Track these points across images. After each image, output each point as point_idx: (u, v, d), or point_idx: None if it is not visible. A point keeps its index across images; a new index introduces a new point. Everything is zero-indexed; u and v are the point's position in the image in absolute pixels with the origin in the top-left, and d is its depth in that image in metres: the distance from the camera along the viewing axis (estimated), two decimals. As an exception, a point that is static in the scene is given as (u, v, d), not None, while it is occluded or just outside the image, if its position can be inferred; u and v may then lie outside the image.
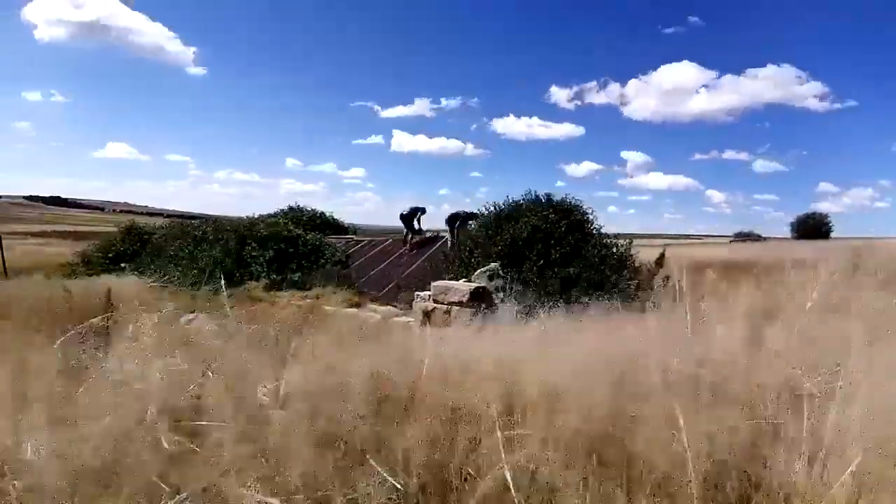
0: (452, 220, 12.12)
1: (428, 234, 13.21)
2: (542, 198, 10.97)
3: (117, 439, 1.47)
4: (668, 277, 2.83)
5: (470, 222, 12.02)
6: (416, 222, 13.05)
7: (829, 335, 1.93)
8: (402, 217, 12.99)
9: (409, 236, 12.87)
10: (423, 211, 13.15)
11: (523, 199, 11.11)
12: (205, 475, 1.34)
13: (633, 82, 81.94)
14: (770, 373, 1.71)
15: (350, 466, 1.38)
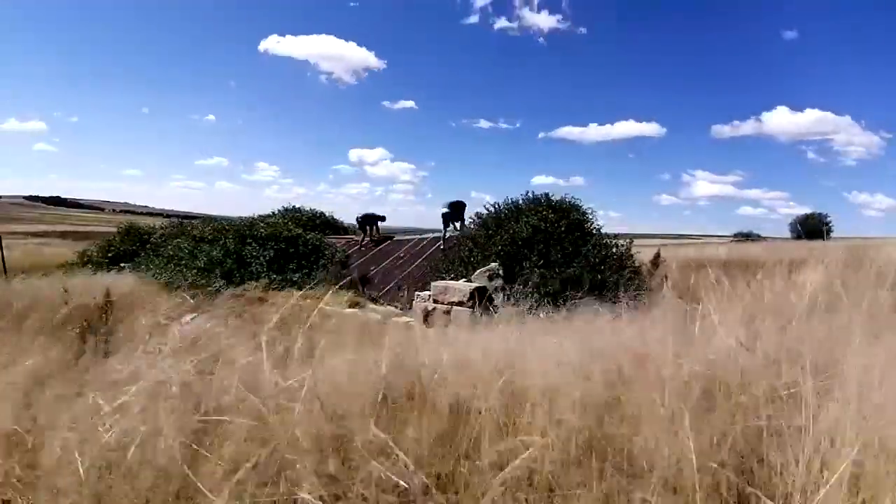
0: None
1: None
2: (540, 198, 10.98)
3: (120, 440, 1.49)
4: (665, 277, 2.85)
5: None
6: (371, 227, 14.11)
7: (824, 333, 1.95)
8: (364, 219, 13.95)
9: (363, 237, 13.85)
10: (381, 219, 14.30)
11: (522, 200, 11.13)
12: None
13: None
14: (765, 371, 1.72)
15: (356, 465, 1.39)
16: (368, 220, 14.03)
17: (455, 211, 12.35)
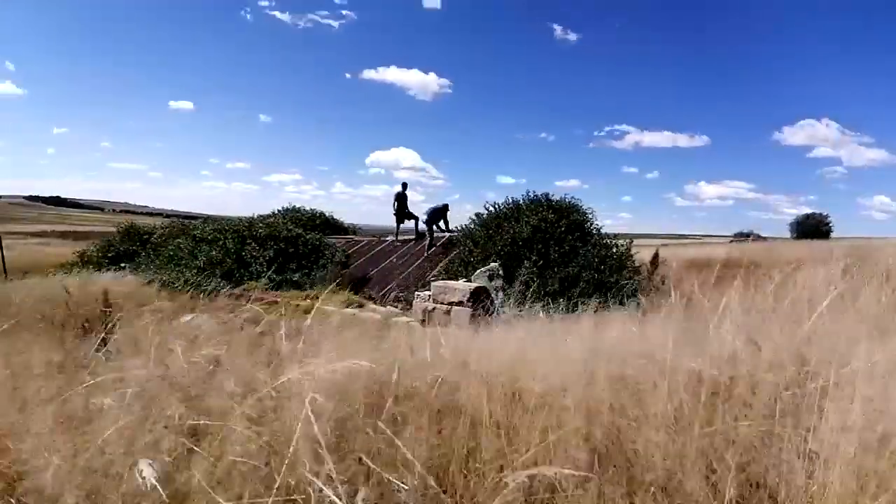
0: (434, 216, 12.27)
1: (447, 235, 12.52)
2: (541, 198, 10.97)
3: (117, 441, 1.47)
4: (665, 277, 2.84)
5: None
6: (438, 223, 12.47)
7: (827, 333, 1.93)
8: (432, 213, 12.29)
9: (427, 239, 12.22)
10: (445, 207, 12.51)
11: (522, 200, 11.12)
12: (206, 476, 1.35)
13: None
14: (768, 371, 1.71)
15: (354, 468, 1.38)
16: (436, 216, 12.19)
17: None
